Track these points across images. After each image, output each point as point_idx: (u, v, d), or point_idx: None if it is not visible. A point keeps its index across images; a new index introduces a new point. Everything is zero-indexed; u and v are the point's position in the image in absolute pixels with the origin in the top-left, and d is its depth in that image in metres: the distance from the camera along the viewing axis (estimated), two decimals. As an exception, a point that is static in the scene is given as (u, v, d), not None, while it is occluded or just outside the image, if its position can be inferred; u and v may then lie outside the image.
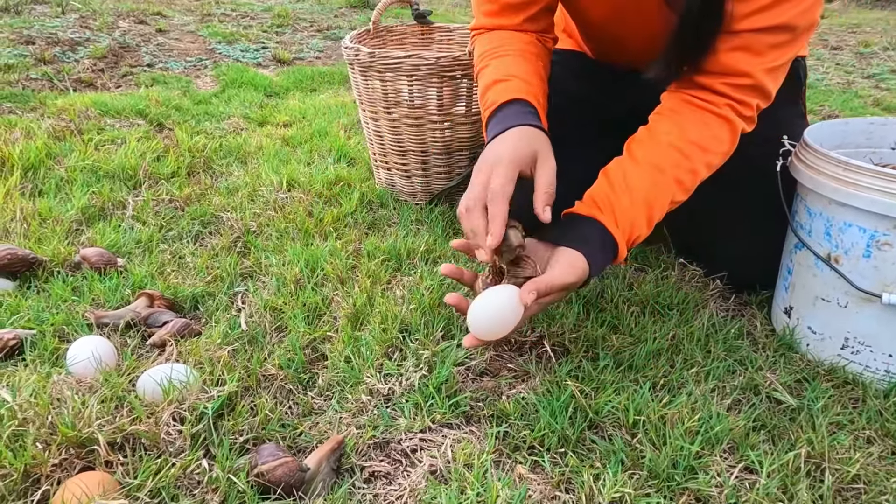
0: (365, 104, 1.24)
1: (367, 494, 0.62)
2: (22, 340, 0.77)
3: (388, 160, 1.28)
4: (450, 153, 1.23)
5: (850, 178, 0.74)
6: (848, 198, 0.74)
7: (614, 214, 0.73)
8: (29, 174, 1.30)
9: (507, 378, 0.79)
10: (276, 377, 0.76)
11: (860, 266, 0.76)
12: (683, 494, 0.61)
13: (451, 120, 1.18)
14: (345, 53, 1.21)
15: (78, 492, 0.51)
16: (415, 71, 1.11)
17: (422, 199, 1.29)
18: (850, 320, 0.80)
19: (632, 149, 0.79)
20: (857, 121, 0.93)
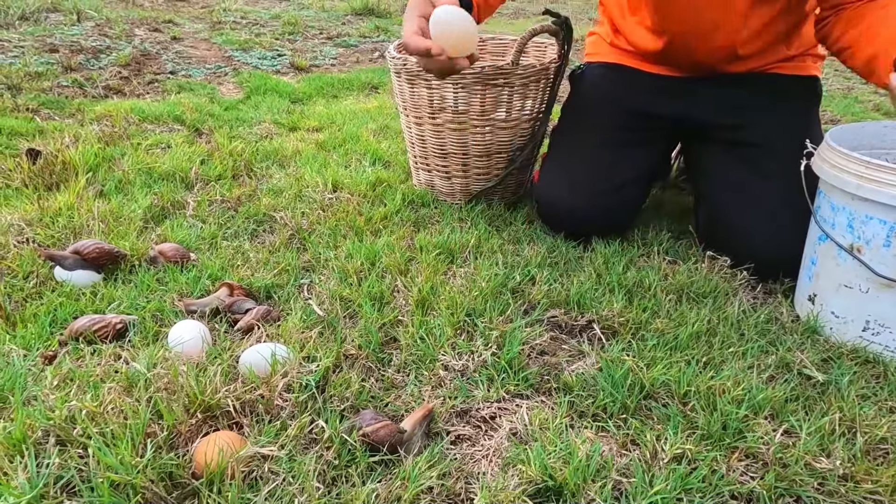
0: (409, 110, 1.32)
1: (456, 454, 0.70)
2: (127, 324, 0.85)
3: (430, 162, 1.36)
4: (489, 155, 1.31)
5: (872, 175, 0.83)
6: (870, 193, 0.83)
7: None
8: (89, 176, 1.37)
9: (564, 357, 0.87)
10: (358, 356, 0.84)
11: (881, 255, 0.85)
12: (735, 451, 0.70)
13: (492, 124, 1.26)
14: (391, 63, 1.30)
15: (223, 444, 0.59)
16: (461, 79, 1.20)
17: (460, 199, 1.37)
18: (870, 305, 0.89)
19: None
20: (872, 124, 1.02)
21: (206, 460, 0.58)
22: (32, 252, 1.02)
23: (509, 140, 1.30)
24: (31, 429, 0.60)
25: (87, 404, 0.62)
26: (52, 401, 0.65)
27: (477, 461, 0.69)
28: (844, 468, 0.68)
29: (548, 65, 1.25)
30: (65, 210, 1.17)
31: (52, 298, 0.91)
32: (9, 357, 0.77)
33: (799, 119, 1.13)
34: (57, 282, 0.97)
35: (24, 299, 0.92)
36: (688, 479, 0.65)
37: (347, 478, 0.63)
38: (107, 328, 0.82)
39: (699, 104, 1.16)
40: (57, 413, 0.62)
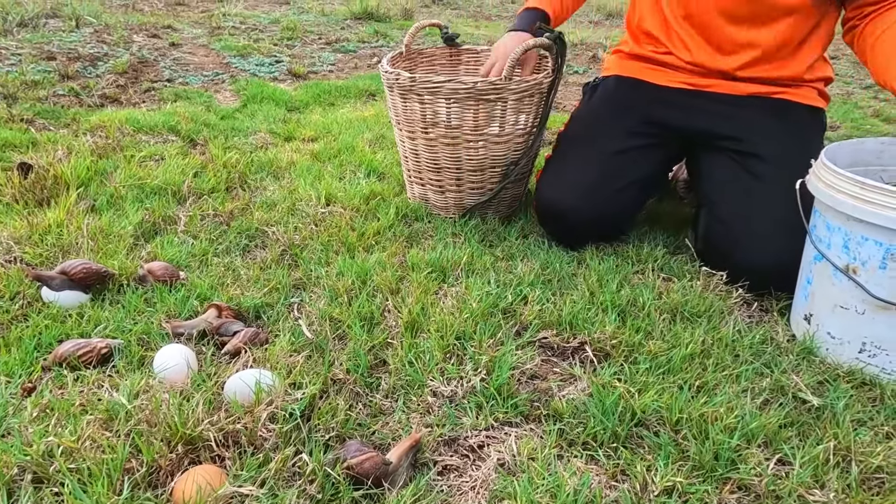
0: (402, 124, 1.31)
1: (442, 486, 0.69)
2: (112, 348, 0.84)
3: (423, 176, 1.35)
4: (483, 170, 1.30)
5: (867, 196, 0.82)
6: (865, 214, 0.82)
7: None
8: (80, 191, 1.37)
9: (555, 381, 0.86)
10: (346, 381, 0.83)
11: (877, 277, 0.84)
12: (728, 483, 0.68)
13: (485, 139, 1.25)
14: (384, 77, 1.29)
15: (202, 482, 0.58)
16: (453, 94, 1.19)
17: (454, 213, 1.36)
18: (867, 326, 0.87)
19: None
20: (870, 141, 1.01)
21: (185, 499, 0.57)
22: (20, 272, 1.01)
23: (503, 155, 1.29)
24: (7, 465, 0.59)
25: (66, 440, 0.61)
26: (29, 434, 0.64)
27: (464, 493, 0.68)
28: (839, 500, 0.67)
29: (541, 80, 1.23)
30: (54, 227, 1.17)
31: (38, 321, 0.90)
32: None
33: (802, 138, 1.13)
34: (44, 303, 0.96)
35: (10, 321, 0.91)
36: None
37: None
38: (91, 353, 0.81)
39: (707, 117, 1.18)
40: (34, 448, 0.61)
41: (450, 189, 1.34)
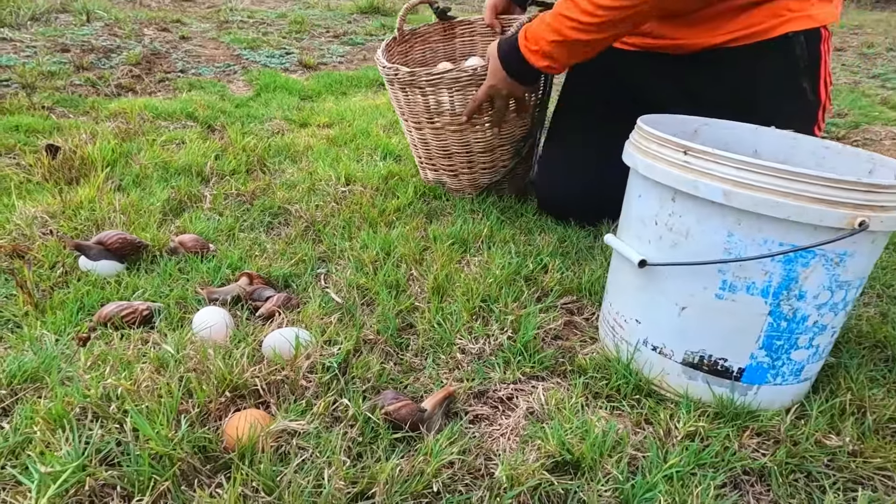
0: (407, 115, 1.31)
1: (475, 432, 0.72)
2: (153, 311, 0.87)
3: (435, 162, 1.38)
4: (493, 150, 1.31)
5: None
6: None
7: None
8: (107, 171, 1.40)
9: (577, 341, 0.89)
10: (376, 341, 0.87)
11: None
12: (747, 429, 0.72)
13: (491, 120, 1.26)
14: (382, 72, 1.28)
15: (252, 420, 0.61)
16: (455, 83, 1.19)
17: (471, 193, 1.39)
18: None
19: None
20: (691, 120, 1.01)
21: (238, 434, 0.60)
22: (57, 243, 1.05)
23: (511, 131, 1.30)
24: (70, 405, 0.63)
25: (123, 383, 0.64)
26: (87, 380, 0.67)
27: (495, 439, 0.71)
28: (854, 445, 0.70)
29: None
30: (86, 203, 1.20)
31: (79, 287, 0.94)
32: (41, 341, 0.79)
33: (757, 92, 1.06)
34: (82, 272, 1.00)
35: (52, 288, 0.95)
36: (701, 455, 0.67)
37: (372, 453, 0.65)
38: (134, 314, 0.85)
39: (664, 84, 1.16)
40: (93, 392, 0.65)
41: (462, 172, 1.36)
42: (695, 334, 0.75)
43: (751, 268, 0.69)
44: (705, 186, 0.68)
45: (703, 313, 0.73)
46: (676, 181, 0.71)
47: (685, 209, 0.72)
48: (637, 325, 0.81)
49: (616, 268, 0.87)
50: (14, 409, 0.67)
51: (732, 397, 0.75)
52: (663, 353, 0.78)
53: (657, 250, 0.76)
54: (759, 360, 0.73)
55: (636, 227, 0.80)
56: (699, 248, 0.71)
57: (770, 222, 0.66)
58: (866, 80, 3.16)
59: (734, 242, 0.69)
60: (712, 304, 0.72)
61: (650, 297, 0.78)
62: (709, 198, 0.68)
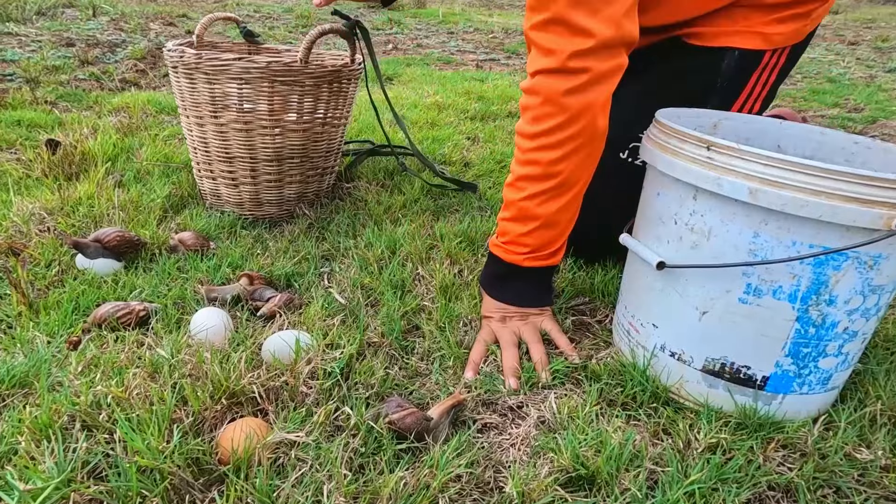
0: (189, 108, 1.19)
1: (483, 443, 0.68)
2: (150, 311, 0.84)
3: (214, 168, 1.22)
4: (280, 160, 1.20)
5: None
6: None
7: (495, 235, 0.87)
8: (108, 166, 1.37)
9: (589, 344, 0.85)
10: (381, 344, 0.83)
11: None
12: (772, 441, 0.68)
13: (282, 127, 1.16)
14: (167, 56, 1.17)
15: (248, 430, 0.58)
16: (245, 73, 1.09)
17: (250, 211, 1.24)
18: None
19: None
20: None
21: (234, 446, 0.57)
22: (54, 240, 1.02)
23: (301, 144, 1.20)
24: (58, 413, 0.60)
25: (114, 390, 0.61)
26: (77, 386, 0.64)
27: (505, 449, 0.68)
28: (886, 459, 0.66)
29: (340, 67, 1.17)
30: (85, 199, 1.17)
31: (75, 286, 0.91)
32: (33, 343, 0.76)
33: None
34: (78, 270, 0.97)
35: (47, 287, 0.92)
36: (724, 469, 0.63)
37: (374, 465, 0.62)
38: (130, 315, 0.82)
39: None
40: (82, 398, 0.61)
41: (244, 182, 1.20)
42: (716, 340, 0.71)
43: (778, 271, 0.65)
44: (729, 184, 0.64)
45: (726, 318, 0.69)
46: (698, 178, 0.66)
47: (707, 208, 0.67)
48: (654, 330, 0.77)
49: (632, 269, 0.83)
50: (0, 416, 0.64)
51: (755, 407, 0.71)
52: (682, 359, 0.74)
53: (676, 251, 0.72)
54: (785, 368, 0.69)
55: (654, 226, 0.76)
56: (722, 250, 0.67)
57: (799, 222, 0.62)
58: (882, 75, 3.09)
59: (760, 244, 0.65)
60: (735, 308, 0.68)
61: (668, 300, 0.74)
62: (733, 196, 0.64)
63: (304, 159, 1.24)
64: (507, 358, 0.79)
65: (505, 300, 0.85)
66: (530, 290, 0.85)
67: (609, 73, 0.74)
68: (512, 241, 0.83)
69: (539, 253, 0.82)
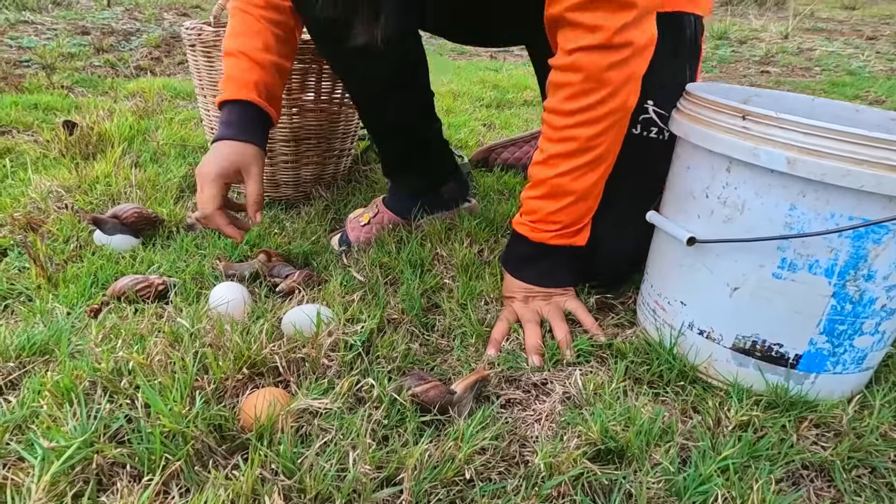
0: (206, 88, 1.17)
1: (507, 418, 0.67)
2: (168, 286, 0.83)
3: None
4: (297, 141, 1.18)
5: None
6: None
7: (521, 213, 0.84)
8: (124, 147, 1.37)
9: (613, 322, 0.84)
10: (401, 321, 0.82)
11: None
12: (805, 420, 0.66)
13: (299, 107, 1.14)
14: (185, 35, 1.15)
15: (271, 398, 0.57)
16: None
17: (267, 192, 1.21)
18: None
19: None
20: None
21: (256, 413, 0.56)
22: (72, 217, 1.02)
23: (318, 125, 1.18)
24: (79, 379, 0.59)
25: (135, 356, 0.60)
26: (98, 354, 0.64)
27: (529, 425, 0.66)
28: (924, 439, 0.64)
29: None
30: (102, 178, 1.17)
31: (93, 261, 0.90)
32: (52, 314, 0.76)
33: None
34: (96, 246, 0.96)
35: (65, 262, 0.91)
36: (756, 447, 0.61)
37: (398, 437, 0.60)
38: (149, 288, 0.81)
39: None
40: (104, 365, 0.61)
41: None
42: (747, 317, 0.69)
43: (815, 244, 0.63)
44: (766, 154, 0.62)
45: (758, 294, 0.67)
46: (733, 149, 0.64)
47: (742, 180, 0.66)
48: (682, 308, 0.75)
49: (658, 246, 0.81)
50: (22, 382, 0.63)
51: (787, 386, 0.69)
52: (711, 337, 0.72)
53: (707, 226, 0.70)
54: (819, 346, 0.67)
55: (683, 201, 0.74)
56: (756, 223, 0.65)
57: (839, 193, 0.60)
58: (905, 67, 3.04)
59: (797, 216, 0.63)
60: (769, 284, 0.66)
61: (698, 277, 0.72)
62: (770, 166, 0.62)
63: (322, 140, 1.23)
64: (531, 336, 0.78)
65: (529, 280, 0.84)
66: (555, 270, 0.84)
67: (647, 46, 0.73)
68: (541, 220, 0.81)
69: (568, 230, 0.81)
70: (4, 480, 0.48)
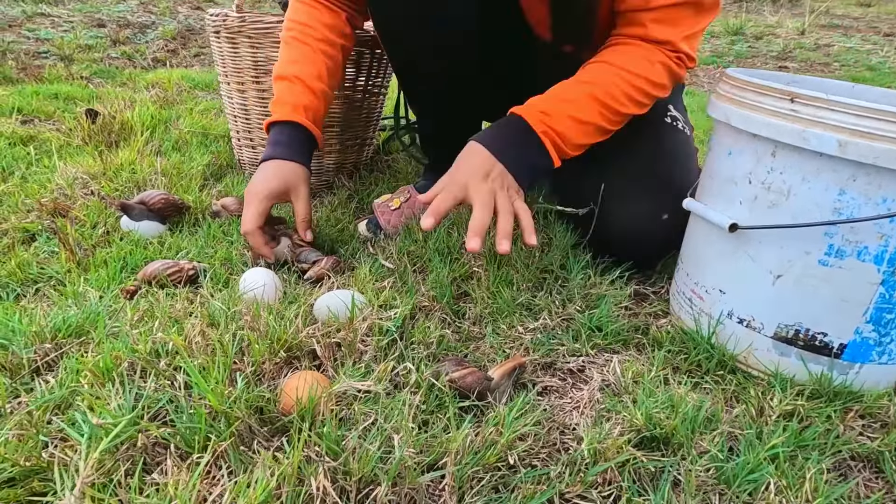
0: (230, 75, 1.18)
1: (545, 404, 0.66)
2: (198, 271, 0.83)
3: (254, 137, 1.21)
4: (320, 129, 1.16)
5: None
6: None
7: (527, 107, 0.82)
8: (146, 136, 1.37)
9: (647, 310, 0.83)
10: (432, 308, 0.81)
11: None
12: (850, 411, 0.65)
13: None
14: (209, 23, 1.15)
15: (312, 381, 0.56)
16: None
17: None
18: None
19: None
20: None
21: (298, 395, 0.55)
22: (98, 203, 1.02)
23: (341, 112, 1.17)
24: (118, 360, 0.58)
25: (174, 337, 0.60)
26: (134, 335, 0.63)
27: (568, 412, 0.65)
28: (974, 431, 0.63)
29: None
30: (126, 165, 1.17)
31: (121, 246, 0.90)
32: (85, 297, 0.76)
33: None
34: (123, 231, 0.96)
35: (93, 247, 0.91)
36: (802, 436, 0.60)
37: (438, 422, 0.60)
38: (179, 273, 0.81)
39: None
40: (141, 347, 0.60)
41: None
42: (790, 306, 0.68)
43: (864, 230, 0.61)
44: (816, 137, 0.60)
45: (803, 282, 0.66)
46: (780, 132, 0.63)
47: (788, 164, 0.64)
48: (721, 296, 0.74)
49: (694, 234, 0.80)
50: (59, 363, 0.63)
51: (831, 376, 0.68)
52: (751, 326, 0.71)
53: (750, 213, 0.69)
54: (865, 335, 0.66)
55: (724, 188, 0.72)
56: (802, 209, 0.64)
57: (891, 177, 0.58)
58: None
59: (846, 201, 0.61)
60: (814, 271, 0.65)
61: (738, 264, 0.71)
62: (819, 150, 0.60)
63: (345, 128, 1.22)
64: (481, 217, 0.73)
65: (507, 159, 0.79)
66: (530, 167, 0.81)
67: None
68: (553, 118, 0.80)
69: (563, 142, 0.80)
70: (51, 458, 0.47)
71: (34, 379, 0.61)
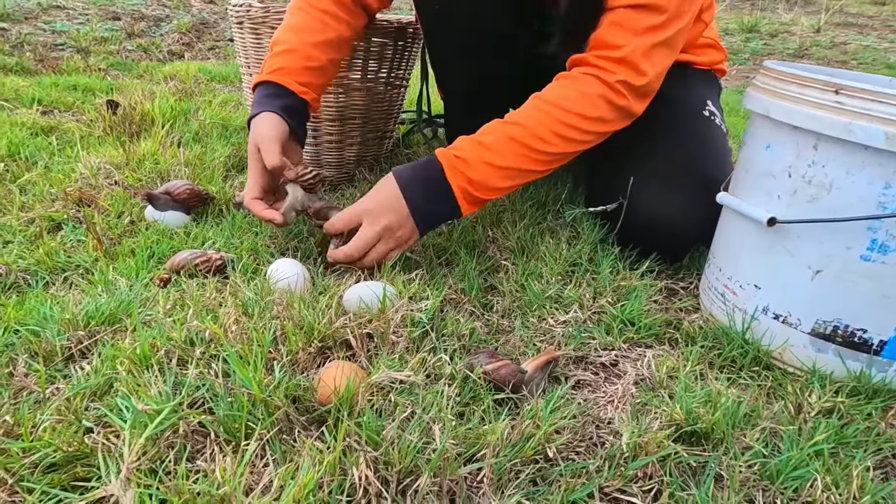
0: (252, 66, 1.17)
1: (579, 398, 0.65)
2: (226, 261, 0.83)
3: None
4: (342, 120, 1.17)
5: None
6: None
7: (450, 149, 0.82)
8: (167, 127, 1.37)
9: (678, 305, 0.82)
10: (461, 301, 0.81)
11: None
12: (892, 408, 0.64)
13: (345, 86, 1.13)
14: (233, 13, 1.15)
15: (349, 371, 0.56)
16: None
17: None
18: None
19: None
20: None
21: (336, 385, 0.55)
22: (123, 192, 1.02)
23: (363, 104, 1.17)
24: (154, 347, 0.58)
25: (210, 325, 0.60)
26: (168, 324, 0.63)
27: (602, 406, 0.65)
28: None
29: (405, 24, 1.13)
30: (149, 155, 1.17)
31: (148, 235, 0.90)
32: (115, 285, 0.75)
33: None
34: (148, 221, 0.96)
35: (119, 236, 0.91)
36: (843, 433, 0.59)
37: (473, 414, 0.59)
38: (208, 262, 0.81)
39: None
40: (176, 335, 0.60)
41: (307, 142, 1.16)
42: (829, 301, 0.67)
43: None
44: (862, 129, 0.59)
45: (843, 277, 0.65)
46: (823, 125, 0.62)
47: (831, 158, 0.63)
48: (756, 292, 0.73)
49: (728, 229, 0.79)
50: (92, 350, 0.63)
51: (870, 373, 0.67)
52: (788, 322, 0.70)
53: (789, 207, 0.68)
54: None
55: (760, 181, 0.71)
56: (845, 203, 0.63)
57: (940, 171, 0.57)
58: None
59: (892, 195, 0.60)
60: (855, 266, 0.64)
61: (775, 259, 0.70)
62: (865, 143, 0.59)
63: (366, 120, 1.22)
64: (348, 253, 0.79)
65: (412, 204, 0.80)
66: (435, 215, 0.82)
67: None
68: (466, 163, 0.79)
69: (478, 190, 0.80)
70: (94, 444, 0.47)
71: (68, 366, 0.61)
